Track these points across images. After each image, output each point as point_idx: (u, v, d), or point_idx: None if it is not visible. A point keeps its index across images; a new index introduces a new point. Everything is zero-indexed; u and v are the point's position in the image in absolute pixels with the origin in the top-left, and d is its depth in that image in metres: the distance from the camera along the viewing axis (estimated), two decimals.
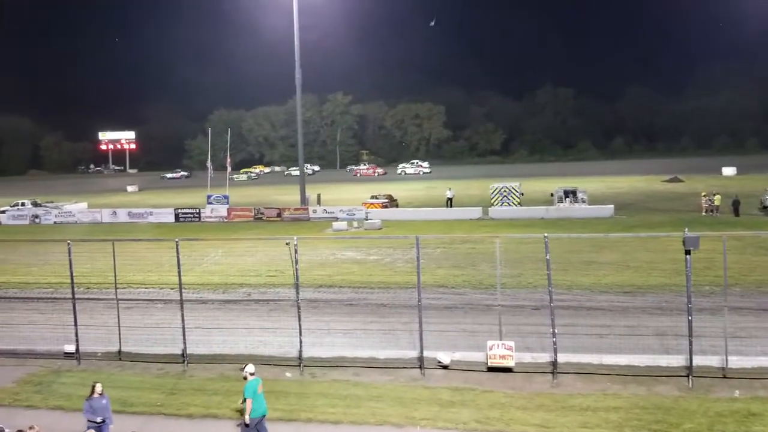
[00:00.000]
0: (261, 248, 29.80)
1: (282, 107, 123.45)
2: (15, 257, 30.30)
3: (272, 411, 13.89)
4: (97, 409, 11.79)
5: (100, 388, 12.07)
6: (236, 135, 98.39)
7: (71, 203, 59.12)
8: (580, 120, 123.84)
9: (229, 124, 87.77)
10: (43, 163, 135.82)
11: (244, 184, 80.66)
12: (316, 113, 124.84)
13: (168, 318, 19.06)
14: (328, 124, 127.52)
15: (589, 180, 64.03)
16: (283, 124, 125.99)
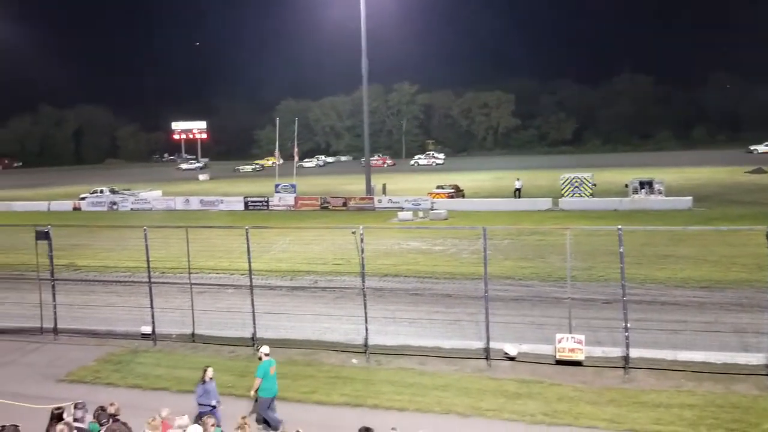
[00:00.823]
0: (327, 237, 30.15)
1: (348, 97, 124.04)
2: (95, 242, 31.53)
3: (338, 396, 14.16)
4: (210, 392, 11.89)
5: (211, 372, 12.15)
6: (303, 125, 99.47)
7: (147, 191, 61.16)
8: (659, 109, 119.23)
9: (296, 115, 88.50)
10: (119, 153, 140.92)
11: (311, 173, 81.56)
12: (382, 103, 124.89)
13: (238, 303, 19.51)
14: (394, 113, 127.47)
15: (667, 171, 61.79)
16: (349, 114, 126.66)
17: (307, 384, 14.88)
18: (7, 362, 17.06)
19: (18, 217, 45.53)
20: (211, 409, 11.60)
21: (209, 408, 11.62)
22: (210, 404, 11.74)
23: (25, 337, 18.93)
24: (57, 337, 18.89)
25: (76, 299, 20.80)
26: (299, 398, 14.16)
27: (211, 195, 55.24)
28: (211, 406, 11.73)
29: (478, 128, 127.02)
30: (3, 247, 28.18)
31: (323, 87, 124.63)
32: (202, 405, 11.72)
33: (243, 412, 9.89)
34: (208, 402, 11.77)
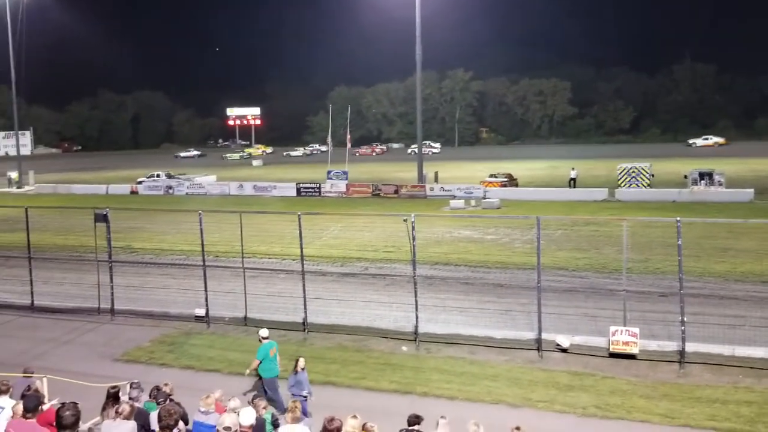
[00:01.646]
0: (378, 224, 30.15)
1: (401, 84, 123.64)
2: (151, 225, 32.24)
3: (388, 383, 14.14)
4: (302, 382, 11.93)
5: (302, 362, 12.15)
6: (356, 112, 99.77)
7: (201, 176, 62.30)
8: (721, 97, 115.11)
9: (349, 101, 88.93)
10: (175, 138, 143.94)
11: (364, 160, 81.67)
12: (436, 90, 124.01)
13: (289, 288, 19.65)
14: (447, 101, 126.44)
15: (728, 162, 59.74)
16: (401, 101, 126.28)
17: (357, 370, 14.91)
18: (66, 341, 17.60)
19: (77, 200, 47.01)
20: (303, 399, 11.60)
21: (302, 398, 11.60)
22: (302, 394, 11.75)
23: (83, 317, 19.50)
24: (114, 318, 19.39)
25: (133, 281, 21.29)
26: (349, 383, 14.21)
27: (265, 181, 55.89)
28: (303, 396, 11.74)
29: (533, 116, 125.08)
30: (63, 229, 29.12)
31: (376, 74, 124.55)
32: (294, 395, 11.68)
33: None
34: (300, 392, 11.77)
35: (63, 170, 78.94)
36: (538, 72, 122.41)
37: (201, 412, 8.86)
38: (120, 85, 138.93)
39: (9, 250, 25.40)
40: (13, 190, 59.40)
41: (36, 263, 21.37)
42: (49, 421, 7.51)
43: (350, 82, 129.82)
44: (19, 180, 62.24)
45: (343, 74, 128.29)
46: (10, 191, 58.93)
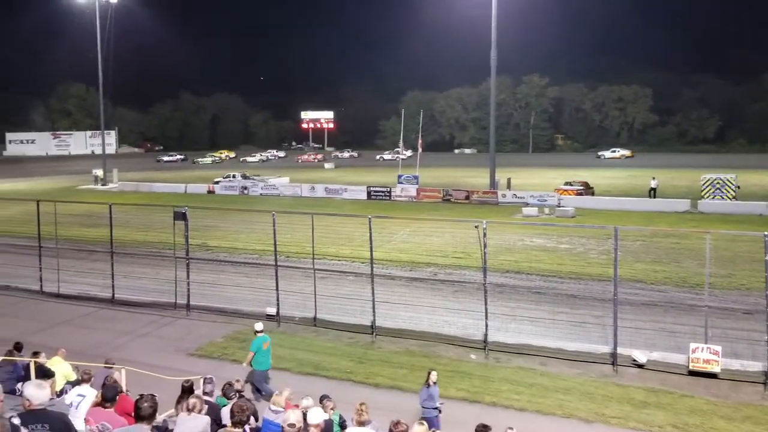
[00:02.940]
0: (448, 229, 29.92)
1: (475, 89, 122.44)
2: (226, 224, 32.93)
3: (455, 390, 13.97)
4: (434, 396, 11.79)
5: (435, 376, 11.99)
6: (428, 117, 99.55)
7: (275, 177, 63.41)
8: None
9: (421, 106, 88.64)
10: (251, 140, 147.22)
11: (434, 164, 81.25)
12: (510, 95, 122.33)
13: (358, 290, 19.72)
14: (521, 106, 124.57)
15: None
16: (475, 107, 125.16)
17: (424, 376, 14.63)
18: (144, 334, 18.19)
19: (158, 198, 48.57)
20: (436, 413, 11.57)
21: (434, 411, 11.56)
22: (434, 407, 11.67)
23: (160, 311, 20.13)
24: (189, 313, 19.93)
25: (207, 278, 21.77)
26: (416, 389, 13.98)
27: (336, 183, 56.43)
28: (436, 409, 11.68)
29: (611, 123, 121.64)
30: (144, 225, 30.12)
31: (450, 78, 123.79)
32: (426, 408, 11.65)
33: (363, 398, 9.89)
34: (432, 405, 11.68)
35: (145, 169, 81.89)
36: (617, 78, 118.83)
37: (271, 410, 8.94)
38: (200, 88, 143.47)
39: (93, 244, 26.48)
40: (98, 187, 62.01)
41: (117, 258, 22.22)
42: (126, 411, 7.73)
43: (423, 86, 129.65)
44: (104, 177, 64.97)
45: (417, 79, 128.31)
46: (95, 188, 61.54)
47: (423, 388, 11.90)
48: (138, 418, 6.08)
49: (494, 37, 47.12)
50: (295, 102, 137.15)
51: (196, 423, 7.38)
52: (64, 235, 25.37)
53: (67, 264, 22.86)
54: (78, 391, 9.13)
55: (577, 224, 35.30)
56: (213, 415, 8.47)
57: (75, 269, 22.98)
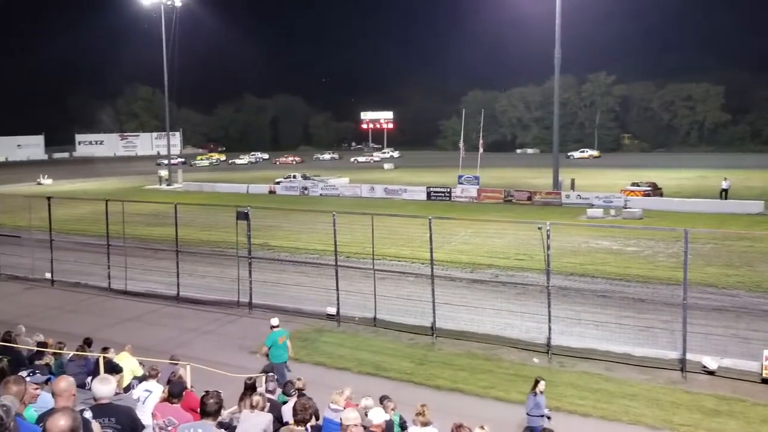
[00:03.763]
0: (510, 231, 29.47)
1: (538, 88, 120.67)
2: (287, 224, 33.27)
3: (518, 394, 13.66)
4: (541, 405, 11.39)
5: (543, 385, 11.49)
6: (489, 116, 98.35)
7: (335, 178, 63.91)
8: None
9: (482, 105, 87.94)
10: (311, 140, 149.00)
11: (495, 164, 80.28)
12: (575, 94, 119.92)
13: (418, 291, 19.62)
14: (586, 105, 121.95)
15: None
16: (538, 106, 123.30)
17: (486, 379, 14.59)
18: (208, 331, 18.53)
19: (220, 198, 49.63)
20: (542, 423, 11.15)
21: (540, 420, 11.22)
22: (542, 415, 11.31)
23: (223, 309, 20.49)
24: (251, 311, 20.21)
25: (269, 277, 22.01)
26: (477, 392, 13.94)
27: (395, 184, 56.44)
28: (541, 417, 11.31)
29: (681, 122, 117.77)
30: (207, 225, 30.76)
31: (512, 77, 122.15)
32: (532, 416, 11.31)
33: (423, 400, 9.77)
34: (539, 413, 11.34)
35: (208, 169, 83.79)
36: (687, 76, 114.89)
37: (331, 408, 8.91)
38: (262, 90, 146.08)
39: (159, 243, 27.17)
40: (163, 187, 63.77)
41: (182, 256, 22.74)
42: (191, 406, 7.82)
43: (485, 85, 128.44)
44: (169, 178, 66.80)
45: (478, 78, 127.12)
46: (160, 188, 63.30)
47: (530, 396, 11.45)
48: (204, 413, 6.15)
49: (558, 34, 46.22)
50: (355, 103, 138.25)
51: (259, 420, 7.41)
52: (132, 233, 26.12)
53: (134, 262, 23.53)
54: (145, 386, 9.32)
55: (645, 226, 34.23)
56: (275, 413, 8.50)
57: (141, 267, 23.62)
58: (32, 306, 21.07)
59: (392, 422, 9.36)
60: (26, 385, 5.61)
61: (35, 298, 22.49)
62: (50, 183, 66.70)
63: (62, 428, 3.84)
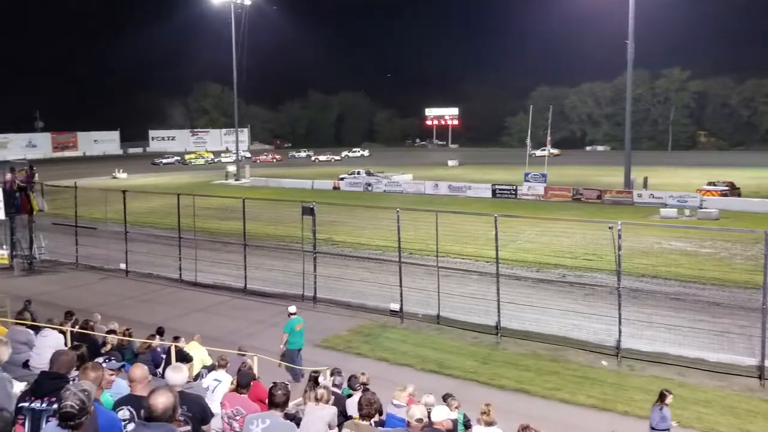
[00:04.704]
0: (578, 230, 28.83)
1: (609, 83, 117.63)
2: (351, 220, 33.42)
3: (585, 397, 13.40)
4: (667, 418, 10.55)
5: (670, 398, 10.67)
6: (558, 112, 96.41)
7: (399, 174, 63.95)
8: None
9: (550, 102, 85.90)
10: (375, 137, 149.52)
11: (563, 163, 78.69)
12: (648, 90, 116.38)
13: (482, 290, 19.39)
14: (660, 101, 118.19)
15: None
16: (609, 102, 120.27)
17: (551, 380, 14.31)
18: (273, 324, 18.73)
19: (286, 193, 50.35)
20: None
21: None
22: (667, 429, 10.63)
23: (288, 302, 20.68)
24: (315, 305, 20.43)
25: (333, 272, 22.22)
26: (543, 394, 13.68)
27: (460, 181, 56.05)
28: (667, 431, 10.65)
29: (761, 119, 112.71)
30: (273, 220, 31.22)
31: (582, 72, 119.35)
32: (657, 430, 10.55)
33: (487, 399, 9.62)
34: (666, 427, 10.61)
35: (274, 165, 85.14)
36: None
37: (394, 404, 8.88)
38: (327, 86, 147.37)
39: (227, 236, 27.77)
40: (231, 182, 65.23)
41: (249, 250, 23.16)
42: (259, 397, 7.94)
43: (553, 81, 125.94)
44: (237, 173, 68.26)
45: (546, 73, 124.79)
46: (228, 183, 64.75)
47: (654, 408, 10.73)
48: (271, 404, 6.21)
49: (631, 28, 44.95)
50: (419, 99, 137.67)
51: (324, 413, 7.44)
52: (201, 227, 26.77)
53: (204, 254, 24.11)
54: (214, 375, 9.52)
55: (722, 227, 32.91)
56: (339, 407, 8.53)
57: (210, 260, 24.19)
58: (107, 295, 21.89)
59: (456, 421, 9.26)
60: (103, 371, 5.78)
61: (110, 287, 23.35)
62: (125, 177, 69.17)
63: (165, 404, 4.06)
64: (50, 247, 27.08)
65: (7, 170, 25.30)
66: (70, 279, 24.55)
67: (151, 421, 4.05)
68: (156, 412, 4.06)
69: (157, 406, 4.07)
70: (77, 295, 21.55)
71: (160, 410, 4.07)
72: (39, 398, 4.93)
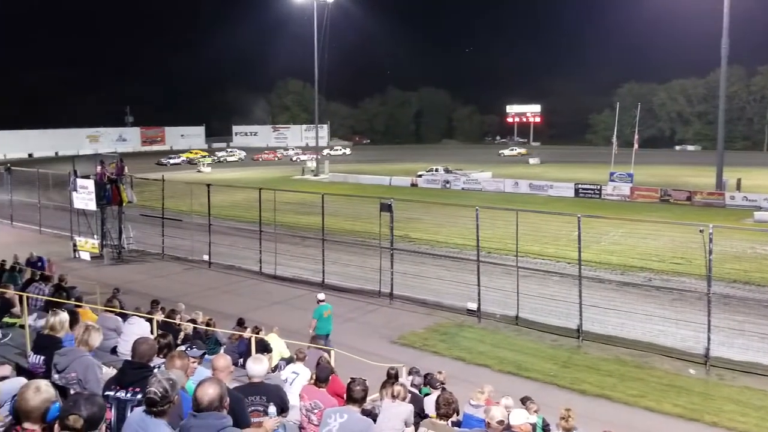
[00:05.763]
0: (666, 232, 27.77)
1: (701, 80, 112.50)
2: (428, 217, 33.29)
3: (671, 406, 12.89)
4: None
5: None
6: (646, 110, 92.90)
7: (478, 172, 63.21)
8: None
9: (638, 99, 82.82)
10: (454, 134, 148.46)
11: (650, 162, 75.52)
12: (743, 87, 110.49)
13: (563, 291, 18.96)
14: (756, 99, 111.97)
15: None
16: (701, 99, 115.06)
17: (636, 387, 13.80)
18: (349, 319, 18.92)
19: (364, 189, 50.61)
20: None
21: None
22: None
23: (364, 298, 20.87)
24: (392, 302, 20.44)
25: (409, 269, 22.14)
26: (626, 400, 13.21)
27: (541, 179, 54.95)
28: None
29: None
30: (351, 215, 31.49)
31: (672, 69, 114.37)
32: None
33: (567, 404, 9.33)
34: None
35: (353, 161, 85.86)
36: None
37: (471, 404, 8.74)
38: (406, 83, 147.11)
39: (305, 231, 28.20)
40: (310, 178, 66.15)
41: (327, 245, 23.38)
42: (336, 391, 7.96)
43: (641, 77, 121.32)
44: (316, 169, 69.21)
45: (633, 69, 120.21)
46: (308, 179, 65.69)
47: None
48: (349, 399, 6.20)
49: (726, 22, 42.82)
50: (500, 95, 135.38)
51: (401, 410, 7.38)
52: (281, 221, 27.24)
53: (283, 248, 24.54)
54: (293, 368, 9.61)
55: None
56: (417, 406, 8.45)
57: (289, 254, 24.62)
58: (191, 285, 22.61)
59: (535, 425, 9.02)
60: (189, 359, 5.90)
61: (194, 277, 24.11)
62: (209, 171, 71.35)
63: (212, 396, 4.08)
64: (138, 238, 28.20)
65: (98, 163, 26.54)
66: (155, 269, 25.50)
67: (200, 412, 4.08)
68: (202, 404, 4.09)
69: (203, 398, 4.11)
70: (162, 285, 22.36)
71: (206, 402, 4.11)
72: (124, 388, 5.07)
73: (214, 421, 4.07)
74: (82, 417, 3.42)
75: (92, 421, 3.44)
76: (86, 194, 25.89)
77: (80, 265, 25.17)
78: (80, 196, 26.16)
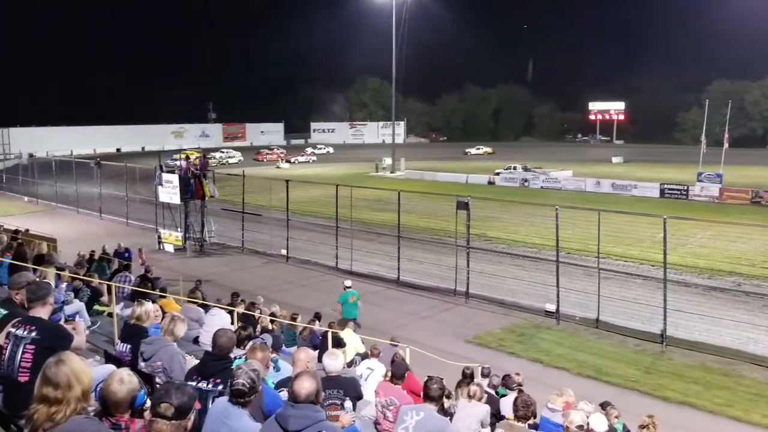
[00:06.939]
0: (757, 236, 26.37)
1: None
2: (505, 216, 32.81)
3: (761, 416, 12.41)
4: None
5: None
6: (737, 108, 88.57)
7: (557, 170, 61.85)
8: None
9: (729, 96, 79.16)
10: (534, 131, 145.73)
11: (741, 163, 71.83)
12: None
13: (646, 295, 18.36)
14: None
15: None
16: None
17: (722, 396, 13.19)
18: (425, 316, 18.89)
19: (440, 187, 50.34)
20: None
21: None
22: None
23: (440, 296, 20.77)
24: (468, 301, 20.25)
25: (486, 268, 21.87)
26: (711, 409, 12.65)
27: (625, 179, 53.29)
28: None
29: None
30: (427, 213, 31.43)
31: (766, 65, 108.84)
32: None
33: (649, 411, 9.02)
34: None
35: (429, 158, 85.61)
36: None
37: (549, 408, 8.54)
38: (485, 79, 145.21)
39: (380, 227, 28.33)
40: (386, 175, 66.41)
41: (402, 242, 23.42)
42: (411, 389, 7.94)
43: (733, 74, 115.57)
44: (392, 165, 69.39)
45: (724, 66, 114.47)
46: (384, 175, 65.96)
47: None
48: (426, 397, 6.17)
49: None
50: (582, 92, 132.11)
51: (477, 410, 7.31)
52: (357, 217, 27.46)
53: (358, 244, 24.72)
54: (367, 364, 9.67)
55: None
56: (493, 407, 8.35)
57: (365, 250, 24.76)
58: (269, 278, 23.10)
59: (615, 431, 8.75)
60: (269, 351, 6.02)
61: (272, 271, 24.62)
62: (287, 167, 72.73)
63: (308, 390, 4.20)
64: (219, 231, 29.04)
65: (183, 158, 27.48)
66: (235, 262, 26.20)
67: (297, 404, 4.17)
68: (300, 397, 4.21)
69: (300, 391, 4.21)
70: (242, 278, 22.94)
71: (303, 396, 4.21)
72: (205, 379, 5.20)
73: (312, 413, 4.18)
74: (173, 405, 3.53)
75: (182, 410, 3.56)
76: (171, 188, 26.92)
77: (164, 256, 26.16)
78: (165, 190, 27.24)
